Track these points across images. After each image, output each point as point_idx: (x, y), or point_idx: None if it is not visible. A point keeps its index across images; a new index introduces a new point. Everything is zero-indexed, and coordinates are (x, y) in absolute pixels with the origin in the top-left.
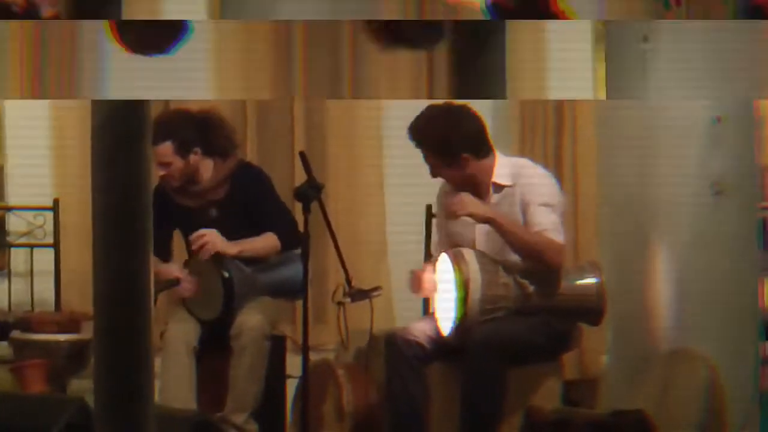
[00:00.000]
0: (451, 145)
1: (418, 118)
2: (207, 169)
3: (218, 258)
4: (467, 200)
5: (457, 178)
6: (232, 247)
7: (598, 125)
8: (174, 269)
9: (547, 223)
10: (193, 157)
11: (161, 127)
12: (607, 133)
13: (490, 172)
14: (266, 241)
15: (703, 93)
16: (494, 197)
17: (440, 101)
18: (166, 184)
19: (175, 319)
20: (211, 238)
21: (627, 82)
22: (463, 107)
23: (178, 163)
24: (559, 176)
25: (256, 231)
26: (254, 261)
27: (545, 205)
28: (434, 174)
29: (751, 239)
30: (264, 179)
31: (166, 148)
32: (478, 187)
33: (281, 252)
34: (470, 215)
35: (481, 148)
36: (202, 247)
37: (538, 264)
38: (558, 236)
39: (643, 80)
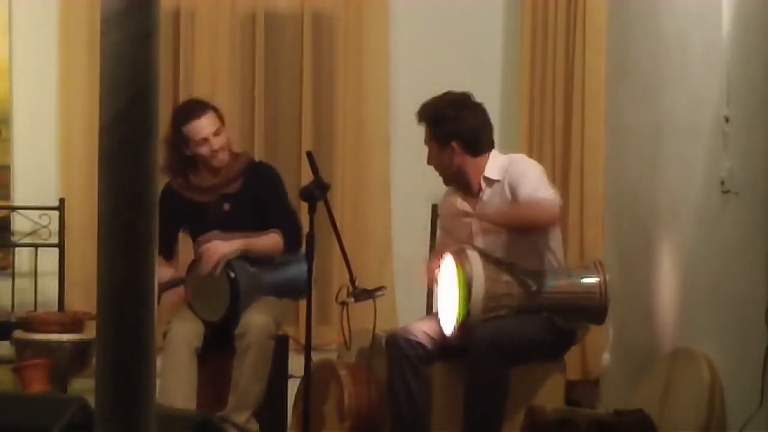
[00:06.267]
0: (443, 126)
1: (428, 100)
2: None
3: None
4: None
5: (448, 168)
6: (236, 244)
7: (606, 124)
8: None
9: (532, 188)
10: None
11: (196, 102)
12: (616, 131)
13: (481, 168)
14: (271, 239)
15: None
16: (486, 191)
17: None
18: (216, 160)
19: (179, 319)
20: (214, 247)
21: None
22: (471, 99)
23: (225, 130)
24: (566, 176)
25: (265, 225)
26: (259, 260)
27: (527, 175)
28: (428, 160)
29: (759, 239)
30: (278, 177)
31: (213, 116)
32: (469, 181)
33: (284, 252)
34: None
35: (473, 143)
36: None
37: (537, 226)
38: (545, 194)
39: None
